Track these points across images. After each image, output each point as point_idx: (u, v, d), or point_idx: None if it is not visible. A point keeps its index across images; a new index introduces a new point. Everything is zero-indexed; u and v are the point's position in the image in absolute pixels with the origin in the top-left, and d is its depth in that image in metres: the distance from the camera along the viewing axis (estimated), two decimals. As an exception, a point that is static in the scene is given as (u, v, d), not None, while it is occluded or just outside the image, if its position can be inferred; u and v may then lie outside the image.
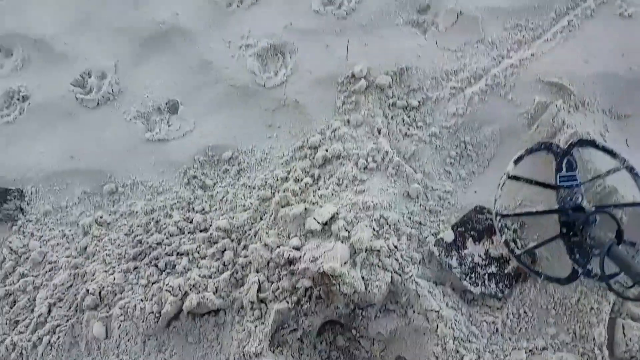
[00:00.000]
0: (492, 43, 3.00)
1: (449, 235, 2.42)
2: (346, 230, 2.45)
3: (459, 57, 3.00)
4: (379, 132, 2.81)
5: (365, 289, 2.28)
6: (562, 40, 2.89)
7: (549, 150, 2.42)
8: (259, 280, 2.41)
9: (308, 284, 2.31)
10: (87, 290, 2.53)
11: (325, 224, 2.51)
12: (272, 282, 2.41)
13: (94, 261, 2.69)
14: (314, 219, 2.52)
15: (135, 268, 2.62)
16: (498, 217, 2.32)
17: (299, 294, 2.33)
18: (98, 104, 3.28)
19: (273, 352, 2.30)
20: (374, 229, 2.44)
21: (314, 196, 2.65)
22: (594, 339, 2.17)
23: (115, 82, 3.32)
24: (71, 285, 2.63)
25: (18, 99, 3.41)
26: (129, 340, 2.43)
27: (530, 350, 2.19)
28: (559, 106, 2.60)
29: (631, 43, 2.79)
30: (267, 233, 2.58)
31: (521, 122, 2.69)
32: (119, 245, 2.73)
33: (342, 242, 2.41)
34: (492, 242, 2.41)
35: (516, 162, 2.40)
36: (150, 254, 2.65)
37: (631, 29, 2.85)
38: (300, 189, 2.70)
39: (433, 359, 2.17)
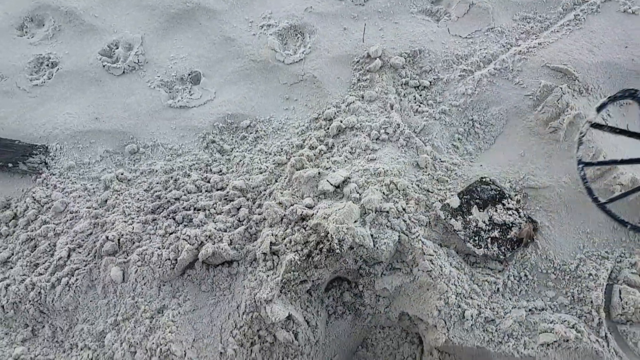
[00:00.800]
0: (501, 32, 3.07)
1: (455, 201, 2.45)
2: (357, 192, 2.48)
3: (470, 43, 3.06)
4: (392, 108, 2.85)
5: (374, 245, 2.31)
6: (568, 32, 2.96)
7: (633, 97, 2.24)
8: (272, 234, 2.44)
9: (319, 238, 2.34)
10: (107, 237, 2.54)
11: (338, 186, 2.55)
12: (285, 237, 2.43)
13: (113, 212, 2.70)
14: (328, 181, 2.55)
15: (154, 220, 2.64)
16: (580, 166, 2.21)
17: (311, 246, 2.35)
18: (124, 72, 3.32)
19: (282, 300, 2.32)
20: (383, 193, 2.47)
21: (327, 162, 2.68)
22: (591, 301, 2.18)
23: (142, 53, 3.37)
24: (91, 233, 2.64)
25: (47, 65, 3.45)
26: (144, 284, 2.44)
27: (529, 310, 2.20)
28: (564, 89, 2.65)
29: (634, 37, 2.87)
30: (281, 193, 2.61)
31: (527, 103, 2.74)
32: (138, 199, 2.75)
33: (353, 202, 2.45)
34: (496, 210, 2.43)
35: (599, 109, 2.25)
36: (168, 208, 2.67)
37: (634, 24, 2.92)
38: (314, 155, 2.73)
39: (436, 313, 2.18)
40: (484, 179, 2.53)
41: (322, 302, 2.48)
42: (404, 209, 2.44)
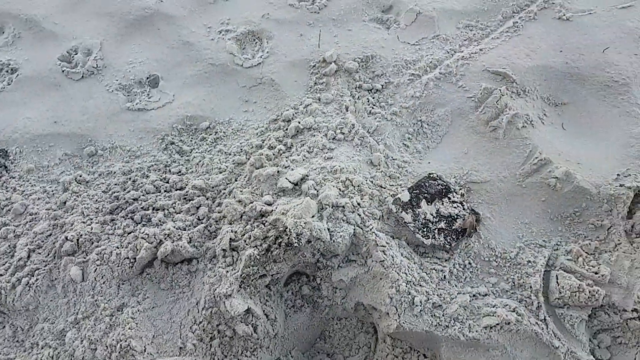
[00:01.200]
0: (446, 39, 3.21)
1: (405, 196, 2.54)
2: (315, 189, 2.54)
3: (417, 49, 3.19)
4: (347, 109, 2.94)
5: (331, 239, 2.37)
6: (507, 38, 3.12)
7: None
8: (232, 230, 2.46)
9: (278, 232, 2.39)
10: (66, 238, 2.51)
11: (296, 184, 2.60)
12: (245, 233, 2.46)
13: (72, 214, 2.67)
14: (286, 178, 2.60)
15: (112, 220, 2.62)
16: None
17: (270, 241, 2.39)
18: (83, 76, 3.30)
19: (242, 294, 2.34)
20: (339, 189, 2.54)
21: (286, 161, 2.73)
22: (530, 287, 2.29)
23: (100, 58, 3.36)
24: (50, 234, 2.60)
25: (7, 71, 3.39)
26: (104, 283, 2.42)
27: (473, 295, 2.30)
28: (503, 91, 2.79)
29: (568, 42, 3.04)
30: (241, 191, 2.64)
31: (469, 105, 2.87)
32: (96, 200, 2.73)
33: (311, 198, 2.50)
34: (443, 203, 2.54)
35: None
36: (126, 208, 2.66)
37: (568, 30, 3.10)
38: (274, 154, 2.78)
39: (388, 300, 2.25)
40: (431, 175, 2.63)
41: (281, 296, 2.52)
42: (358, 204, 2.51)
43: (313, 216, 2.41)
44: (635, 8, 3.24)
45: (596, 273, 2.30)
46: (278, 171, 2.65)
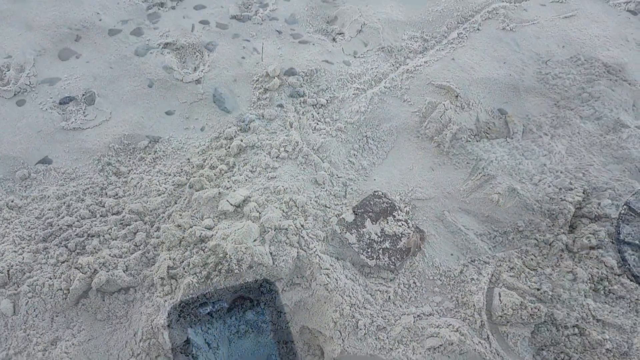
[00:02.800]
0: (390, 51, 3.23)
1: (349, 216, 2.55)
2: (257, 211, 2.52)
3: (362, 62, 3.20)
4: (291, 126, 2.92)
5: (273, 263, 2.35)
6: (451, 50, 3.16)
7: None
8: (170, 258, 2.42)
9: (218, 259, 2.35)
10: (-6, 270, 2.43)
11: (238, 206, 2.57)
12: (184, 260, 2.42)
13: (3, 242, 2.57)
14: (227, 201, 2.57)
15: (45, 249, 2.54)
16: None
17: (209, 268, 2.36)
18: (15, 94, 3.17)
19: (181, 324, 2.31)
20: (283, 210, 2.53)
21: (228, 181, 2.70)
22: (473, 305, 2.34)
23: (34, 75, 3.24)
24: (-23, 266, 2.50)
25: None
26: (36, 316, 2.34)
27: (418, 316, 2.32)
28: (447, 105, 2.83)
29: (511, 53, 3.10)
30: (180, 215, 2.60)
31: (414, 119, 2.90)
32: (29, 227, 2.63)
33: (252, 221, 2.48)
34: (387, 222, 2.55)
35: None
36: (60, 235, 2.58)
37: (512, 40, 3.16)
38: (215, 175, 2.74)
39: (332, 324, 2.25)
40: (376, 193, 2.65)
41: (224, 323, 2.49)
42: (302, 226, 2.50)
43: (255, 240, 2.39)
44: (578, 18, 3.34)
45: (538, 289, 2.36)
46: (219, 193, 2.61)
